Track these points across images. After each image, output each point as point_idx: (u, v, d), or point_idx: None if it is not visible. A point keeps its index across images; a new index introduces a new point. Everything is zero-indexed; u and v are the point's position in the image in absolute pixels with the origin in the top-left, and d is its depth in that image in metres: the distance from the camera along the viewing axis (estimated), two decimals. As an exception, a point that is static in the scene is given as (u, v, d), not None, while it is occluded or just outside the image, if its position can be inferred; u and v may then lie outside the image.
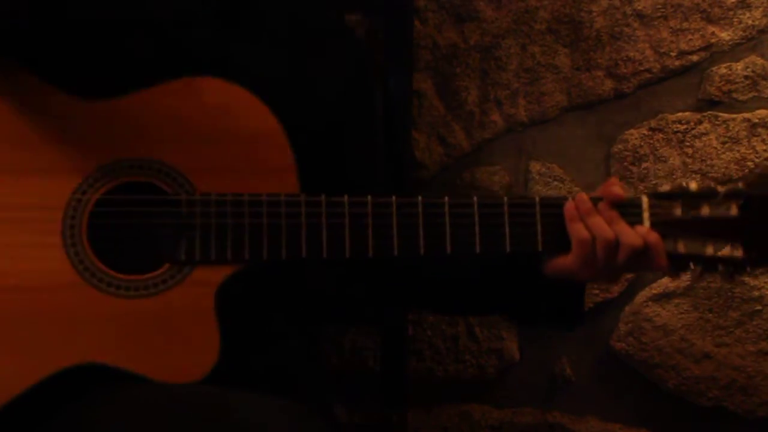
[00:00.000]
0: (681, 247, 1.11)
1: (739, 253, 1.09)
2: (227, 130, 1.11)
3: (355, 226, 1.10)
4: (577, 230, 1.11)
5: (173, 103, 1.11)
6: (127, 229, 1.09)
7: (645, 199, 1.12)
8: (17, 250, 1.07)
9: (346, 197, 1.10)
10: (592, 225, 1.11)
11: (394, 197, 1.11)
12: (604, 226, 1.10)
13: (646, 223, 1.11)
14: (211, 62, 1.15)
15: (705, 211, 1.10)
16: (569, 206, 1.12)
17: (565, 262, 1.13)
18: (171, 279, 1.09)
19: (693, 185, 1.11)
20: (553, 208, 1.13)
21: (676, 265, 1.12)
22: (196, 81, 1.12)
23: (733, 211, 1.09)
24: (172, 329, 1.09)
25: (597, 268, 1.11)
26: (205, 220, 1.09)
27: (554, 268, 1.15)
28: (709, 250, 1.10)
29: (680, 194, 1.11)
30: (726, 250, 1.09)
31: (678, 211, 1.10)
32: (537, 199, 1.13)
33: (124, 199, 1.09)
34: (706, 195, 1.10)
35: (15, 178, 1.08)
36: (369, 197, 1.11)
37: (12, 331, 1.07)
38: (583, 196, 1.13)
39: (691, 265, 1.11)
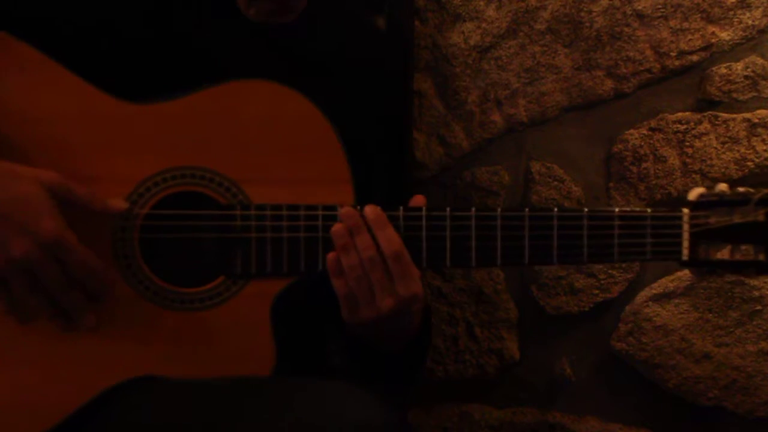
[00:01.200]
0: (712, 254, 1.14)
1: (762, 257, 1.12)
2: (282, 138, 1.09)
3: (409, 238, 1.09)
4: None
5: (225, 107, 1.09)
6: (180, 242, 1.08)
7: (686, 212, 1.14)
8: None
9: (401, 209, 1.09)
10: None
11: (448, 209, 1.10)
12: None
13: (686, 235, 1.13)
14: (257, 65, 1.13)
15: (737, 218, 1.12)
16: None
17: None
18: (226, 291, 1.09)
19: (727, 191, 1.13)
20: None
21: (704, 271, 1.16)
22: (249, 84, 1.10)
23: (761, 217, 1.11)
24: (228, 341, 1.09)
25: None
26: (260, 233, 1.08)
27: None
28: (736, 255, 1.13)
29: (716, 203, 1.13)
30: (750, 254, 1.12)
31: (713, 220, 1.13)
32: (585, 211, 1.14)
33: (177, 213, 1.07)
34: (739, 202, 1.12)
35: None
36: (423, 209, 1.10)
37: (71, 346, 1.07)
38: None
39: (719, 271, 1.15)
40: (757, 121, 1.49)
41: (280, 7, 1.15)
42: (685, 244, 1.14)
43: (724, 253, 1.13)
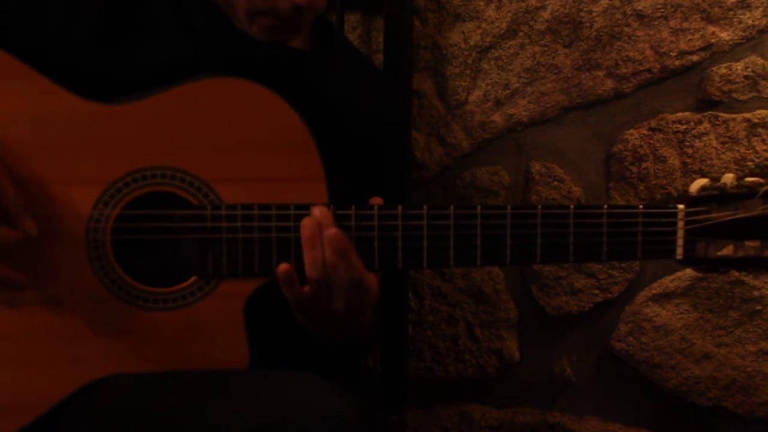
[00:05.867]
0: (712, 251, 1.08)
1: (767, 253, 1.06)
2: (254, 136, 1.08)
3: (386, 238, 1.08)
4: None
5: (196, 105, 1.08)
6: (152, 243, 1.08)
7: (681, 207, 1.08)
8: (44, 263, 1.06)
9: (376, 208, 1.08)
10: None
11: (425, 206, 1.08)
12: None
13: (681, 232, 1.08)
14: (234, 62, 1.12)
15: (741, 212, 1.05)
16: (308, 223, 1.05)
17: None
18: (199, 291, 1.08)
19: (730, 183, 1.06)
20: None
21: (704, 268, 1.10)
22: (219, 81, 1.08)
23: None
24: (201, 341, 1.08)
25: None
26: (231, 234, 1.07)
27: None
28: (740, 252, 1.07)
29: (718, 197, 1.06)
30: (756, 249, 1.06)
31: (714, 215, 1.07)
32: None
33: (147, 213, 1.07)
34: (743, 195, 1.05)
35: (37, 189, 1.05)
36: (399, 207, 1.08)
37: (44, 344, 1.07)
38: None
39: (721, 269, 1.09)
40: (757, 121, 1.50)
41: (282, 23, 1.12)
42: (680, 242, 1.08)
43: (729, 249, 1.07)
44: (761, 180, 1.06)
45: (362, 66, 1.35)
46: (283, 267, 1.06)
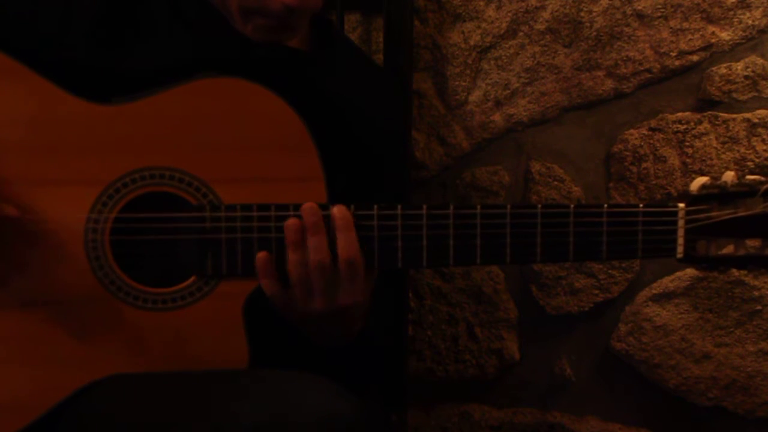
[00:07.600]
0: (713, 249, 1.08)
1: None
2: (252, 136, 1.08)
3: (385, 237, 1.08)
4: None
5: (194, 105, 1.08)
6: (152, 243, 1.08)
7: (681, 206, 1.07)
8: (42, 264, 1.06)
9: (376, 208, 1.07)
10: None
11: (424, 206, 1.08)
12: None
13: (681, 231, 1.08)
14: (232, 61, 1.12)
15: (741, 211, 1.05)
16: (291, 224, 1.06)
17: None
18: (198, 291, 1.08)
19: (734, 180, 1.05)
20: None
21: (705, 267, 1.09)
22: (218, 81, 1.08)
23: None
24: (201, 341, 1.08)
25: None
26: (230, 234, 1.07)
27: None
28: (741, 251, 1.06)
29: (718, 196, 1.06)
30: (757, 248, 1.06)
31: (715, 214, 1.06)
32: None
33: (146, 215, 1.07)
34: (744, 194, 1.04)
35: (35, 189, 1.06)
36: (399, 207, 1.08)
37: (43, 345, 1.07)
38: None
39: (721, 267, 1.09)
40: (757, 121, 1.49)
41: (276, 23, 1.11)
42: (680, 240, 1.07)
43: (730, 248, 1.06)
44: (762, 178, 1.05)
45: (362, 65, 1.34)
46: (261, 255, 1.06)
